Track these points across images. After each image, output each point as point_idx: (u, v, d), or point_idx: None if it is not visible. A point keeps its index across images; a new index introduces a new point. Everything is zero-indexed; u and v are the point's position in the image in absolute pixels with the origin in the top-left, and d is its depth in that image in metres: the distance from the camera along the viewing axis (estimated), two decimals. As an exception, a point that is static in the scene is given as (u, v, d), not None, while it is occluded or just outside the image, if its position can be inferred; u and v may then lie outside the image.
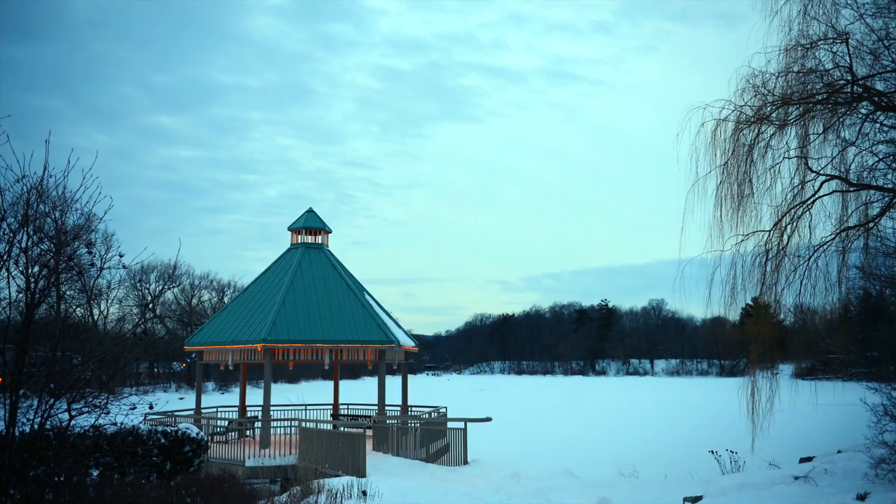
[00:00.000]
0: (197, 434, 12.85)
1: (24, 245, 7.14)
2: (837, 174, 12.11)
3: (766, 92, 12.30)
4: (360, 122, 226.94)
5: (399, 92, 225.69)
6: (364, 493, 12.46)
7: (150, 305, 69.89)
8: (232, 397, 56.58)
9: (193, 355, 26.30)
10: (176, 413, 20.83)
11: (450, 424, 19.46)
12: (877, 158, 11.76)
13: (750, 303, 13.83)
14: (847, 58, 11.12)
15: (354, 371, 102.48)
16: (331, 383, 30.77)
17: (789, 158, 12.39)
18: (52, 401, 6.98)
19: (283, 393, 53.17)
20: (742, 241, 12.72)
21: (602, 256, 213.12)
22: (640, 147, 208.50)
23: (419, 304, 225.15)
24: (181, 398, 54.56)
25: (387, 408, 22.62)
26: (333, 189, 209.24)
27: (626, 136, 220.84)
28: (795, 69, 11.93)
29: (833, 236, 12.18)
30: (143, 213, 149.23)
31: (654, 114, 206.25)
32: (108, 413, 7.54)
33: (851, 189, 12.06)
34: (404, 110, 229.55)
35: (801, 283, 12.37)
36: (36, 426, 6.91)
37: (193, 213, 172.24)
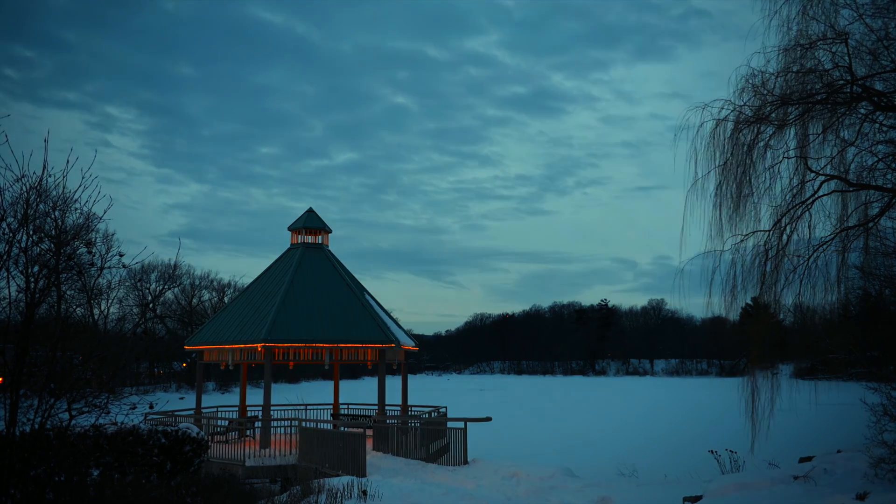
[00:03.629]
0: (197, 434, 12.86)
1: (23, 245, 7.15)
2: (837, 174, 12.10)
3: (765, 92, 12.30)
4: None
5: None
6: (364, 492, 12.46)
7: (151, 305, 69.87)
8: (232, 397, 56.57)
9: (193, 355, 26.32)
10: (176, 413, 20.85)
11: (450, 424, 19.47)
12: (876, 158, 11.75)
13: (750, 303, 13.83)
14: (846, 58, 11.12)
15: (354, 371, 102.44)
16: (331, 383, 30.83)
17: (789, 158, 12.39)
18: (52, 400, 6.99)
19: (283, 393, 53.16)
20: (742, 240, 12.73)
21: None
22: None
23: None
24: (181, 398, 54.58)
25: (387, 408, 22.63)
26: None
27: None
28: (795, 69, 11.93)
29: (833, 236, 12.18)
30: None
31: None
32: (109, 413, 7.56)
33: (851, 189, 12.06)
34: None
35: (801, 283, 12.37)
36: (36, 426, 6.92)
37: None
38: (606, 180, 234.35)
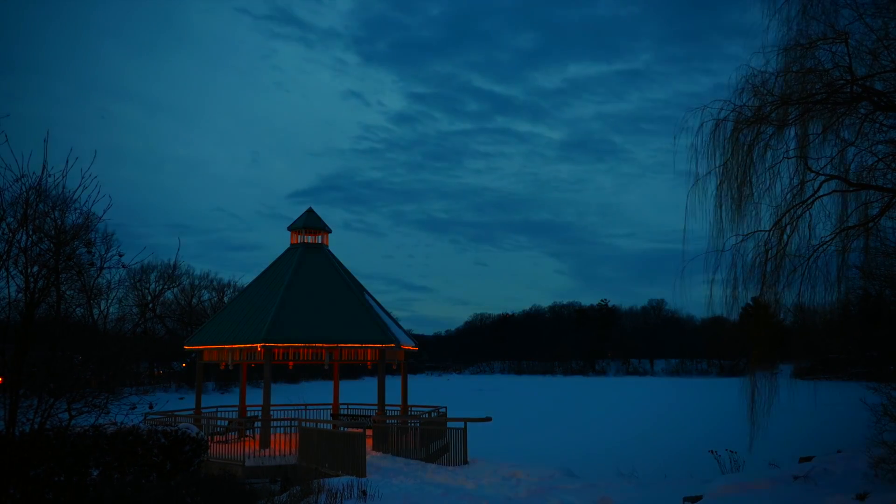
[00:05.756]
0: (196, 434, 12.86)
1: (23, 245, 7.15)
2: (837, 174, 12.09)
3: (765, 92, 12.29)
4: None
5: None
6: (364, 492, 12.46)
7: (150, 305, 69.85)
8: (232, 397, 56.51)
9: (193, 355, 26.32)
10: (176, 413, 20.84)
11: (450, 424, 19.47)
12: (876, 158, 11.74)
13: (750, 303, 13.81)
14: (846, 58, 11.11)
15: (354, 371, 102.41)
16: (331, 383, 30.86)
17: (789, 158, 12.38)
18: (52, 400, 6.98)
19: (282, 393, 53.15)
20: (742, 241, 12.71)
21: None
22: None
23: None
24: (181, 398, 54.51)
25: (387, 408, 22.62)
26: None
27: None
28: (795, 69, 11.92)
29: (833, 236, 12.17)
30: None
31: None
32: (108, 413, 7.55)
33: (851, 189, 12.04)
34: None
35: (801, 283, 12.35)
36: (36, 426, 6.91)
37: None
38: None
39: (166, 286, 72.51)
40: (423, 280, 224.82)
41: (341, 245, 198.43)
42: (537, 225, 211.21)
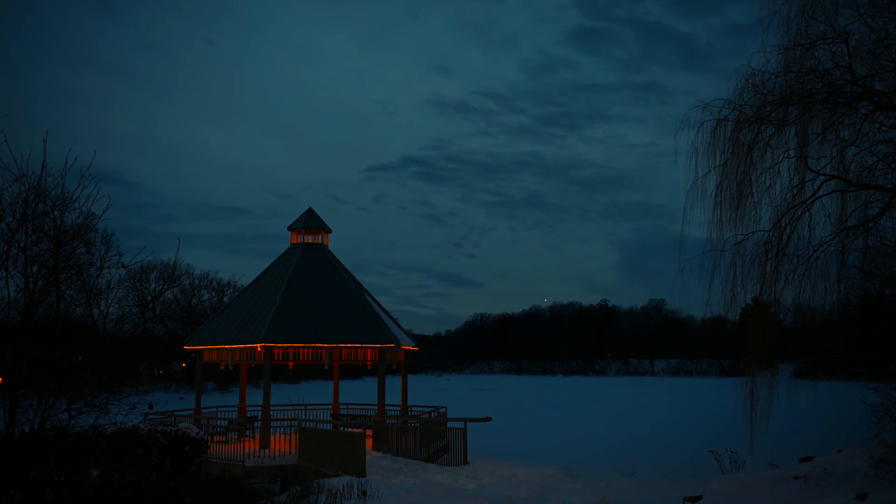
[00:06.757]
0: (196, 434, 12.86)
1: (22, 244, 7.15)
2: (837, 174, 12.09)
3: (765, 91, 12.29)
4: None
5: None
6: (364, 493, 12.46)
7: (150, 305, 69.83)
8: (232, 397, 56.50)
9: (193, 355, 26.32)
10: (176, 413, 20.83)
11: (449, 424, 19.47)
12: (876, 158, 11.73)
13: (749, 302, 13.82)
14: (846, 57, 11.11)
15: (354, 371, 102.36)
16: (331, 383, 30.86)
17: (789, 158, 12.38)
18: (51, 400, 6.98)
19: (282, 393, 53.14)
20: (742, 240, 12.71)
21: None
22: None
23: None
24: (181, 398, 54.52)
25: (387, 408, 22.62)
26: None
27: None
28: (795, 69, 11.91)
29: (832, 236, 12.16)
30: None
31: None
32: (108, 413, 7.55)
33: (851, 189, 12.04)
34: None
35: (801, 283, 12.35)
36: (36, 426, 6.91)
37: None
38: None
39: (166, 286, 72.55)
40: (468, 273, 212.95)
41: (390, 233, 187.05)
42: (621, 207, 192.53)
